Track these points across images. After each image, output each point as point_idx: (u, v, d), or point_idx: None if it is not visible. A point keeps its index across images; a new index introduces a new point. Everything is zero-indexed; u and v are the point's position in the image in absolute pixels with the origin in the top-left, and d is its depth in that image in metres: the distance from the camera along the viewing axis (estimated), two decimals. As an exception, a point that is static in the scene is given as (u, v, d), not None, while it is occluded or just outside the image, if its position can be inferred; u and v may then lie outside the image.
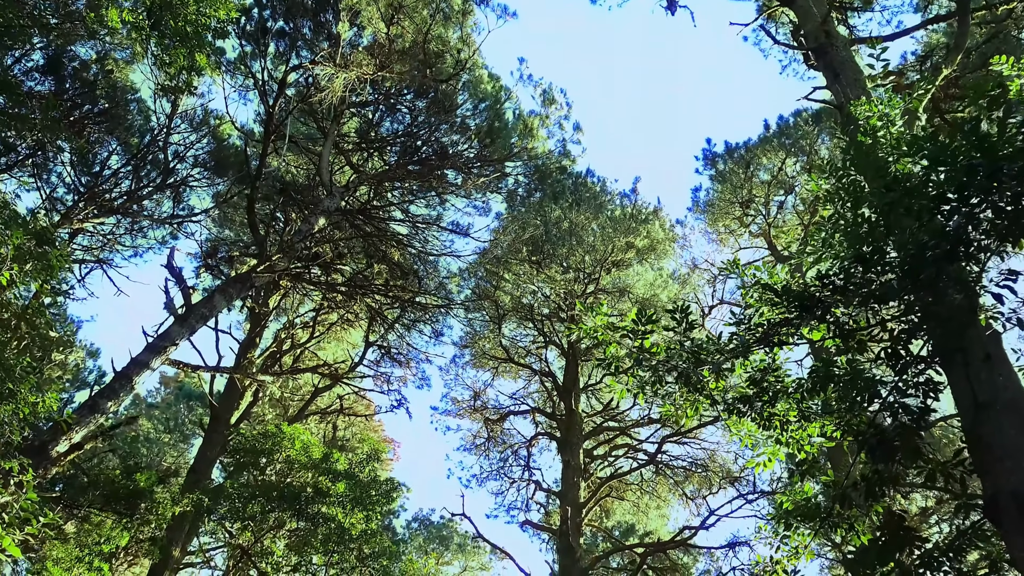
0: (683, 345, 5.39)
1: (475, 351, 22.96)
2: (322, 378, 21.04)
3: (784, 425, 5.70)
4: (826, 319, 4.97)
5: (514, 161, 18.42)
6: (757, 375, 5.55)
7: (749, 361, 5.50)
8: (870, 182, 5.59)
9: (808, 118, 18.29)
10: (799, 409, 5.65)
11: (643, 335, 5.45)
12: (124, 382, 12.46)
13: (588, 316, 5.53)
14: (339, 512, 12.09)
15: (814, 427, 5.67)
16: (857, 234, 4.93)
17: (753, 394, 5.53)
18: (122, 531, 14.67)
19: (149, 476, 14.74)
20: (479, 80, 17.59)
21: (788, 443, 5.80)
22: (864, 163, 5.70)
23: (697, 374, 5.44)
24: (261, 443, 13.82)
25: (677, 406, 5.85)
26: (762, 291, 5.16)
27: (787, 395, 5.58)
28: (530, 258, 20.23)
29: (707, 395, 5.65)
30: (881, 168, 5.46)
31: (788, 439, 5.78)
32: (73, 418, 8.94)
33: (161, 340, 13.10)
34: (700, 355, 5.30)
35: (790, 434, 5.74)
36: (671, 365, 5.44)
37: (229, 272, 20.22)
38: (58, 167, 19.23)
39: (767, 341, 5.15)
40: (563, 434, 19.90)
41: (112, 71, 18.39)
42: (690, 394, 5.63)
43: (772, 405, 5.62)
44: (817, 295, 4.81)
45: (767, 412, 5.61)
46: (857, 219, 5.11)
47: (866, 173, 5.63)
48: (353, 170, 17.94)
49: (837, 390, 5.56)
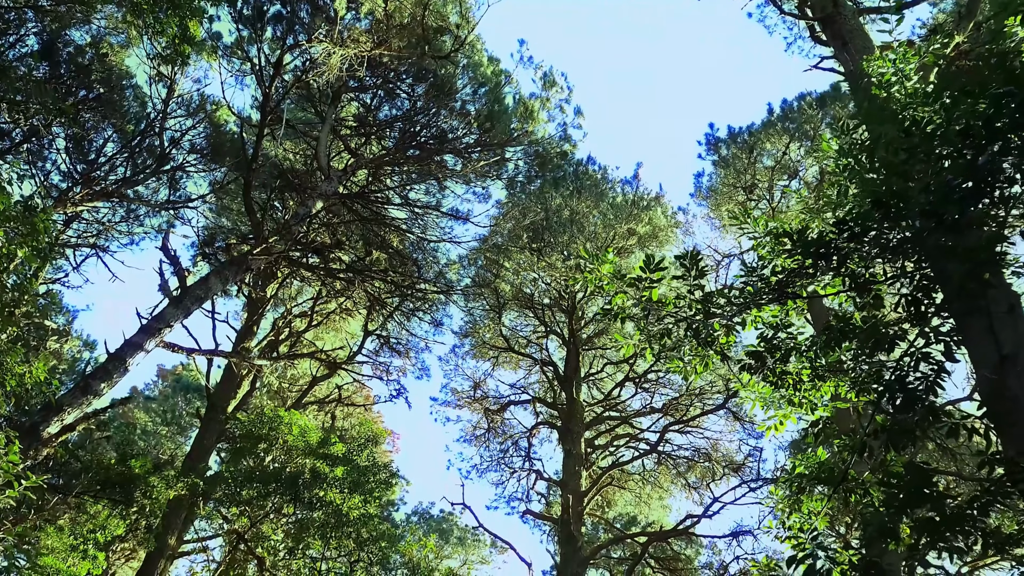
0: (693, 294, 5.16)
1: (475, 340, 22.74)
2: (320, 367, 20.82)
3: (797, 385, 5.48)
4: (841, 270, 4.74)
5: (514, 146, 18.18)
6: (769, 332, 5.32)
7: (760, 317, 5.27)
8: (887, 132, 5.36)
9: (812, 102, 18.06)
10: (812, 368, 5.43)
11: (651, 284, 5.22)
12: (118, 364, 12.24)
13: (594, 264, 5.30)
14: (337, 496, 11.86)
15: (828, 386, 5.44)
16: (875, 180, 4.71)
17: (765, 350, 5.30)
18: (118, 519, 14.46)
19: (144, 462, 14.52)
20: (478, 63, 17.36)
21: (801, 404, 5.57)
22: (879, 114, 5.48)
23: (707, 327, 5.20)
24: (258, 427, 13.59)
25: (686, 361, 5.62)
26: (774, 242, 4.94)
27: (800, 353, 5.36)
28: (530, 245, 20.01)
29: (717, 350, 5.42)
30: (898, 117, 5.24)
31: (801, 399, 5.55)
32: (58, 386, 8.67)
33: (156, 322, 12.88)
34: (710, 307, 5.07)
35: (803, 394, 5.52)
36: (680, 316, 5.20)
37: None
38: (53, 154, 19.03)
39: (780, 292, 4.92)
40: (564, 423, 19.67)
41: (107, 54, 18.16)
42: (700, 348, 5.40)
43: (784, 363, 5.39)
44: (833, 242, 4.59)
45: (779, 369, 5.38)
46: (874, 164, 4.88)
47: (882, 123, 5.40)
48: (351, 155, 17.71)
49: (852, 348, 5.33)
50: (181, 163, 19.24)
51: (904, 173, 4.84)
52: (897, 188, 4.58)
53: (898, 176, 4.77)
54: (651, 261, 5.18)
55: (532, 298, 21.61)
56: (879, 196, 4.57)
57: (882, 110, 5.64)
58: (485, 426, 22.75)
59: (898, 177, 4.77)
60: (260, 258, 14.46)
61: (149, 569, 15.10)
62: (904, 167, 4.82)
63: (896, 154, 4.94)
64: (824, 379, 5.42)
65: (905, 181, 4.78)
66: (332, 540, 11.62)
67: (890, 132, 5.26)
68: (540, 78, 17.14)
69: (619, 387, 21.31)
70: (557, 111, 17.47)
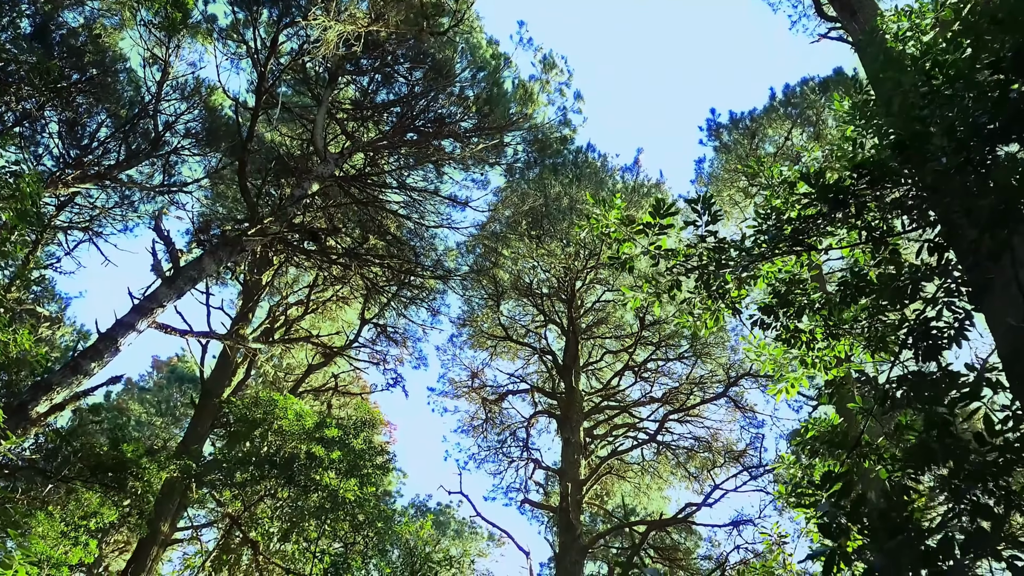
0: (705, 241, 4.93)
1: (473, 330, 22.51)
2: (316, 354, 20.58)
3: (810, 343, 5.26)
4: (858, 221, 4.52)
5: (513, 131, 17.95)
6: (781, 287, 5.10)
7: (773, 272, 5.05)
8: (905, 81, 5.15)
9: (815, 87, 17.86)
10: (826, 325, 5.21)
11: (660, 231, 4.99)
12: (108, 343, 12.00)
13: (601, 211, 5.06)
14: (332, 479, 11.63)
15: (842, 346, 5.22)
16: (894, 124, 4.49)
17: (777, 304, 5.08)
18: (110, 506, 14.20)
19: (136, 447, 14.27)
20: (477, 45, 17.13)
21: (813, 364, 5.36)
22: (897, 63, 5.26)
23: (719, 277, 4.98)
24: (253, 411, 13.34)
25: (696, 316, 5.39)
26: (788, 191, 4.72)
27: (813, 311, 5.14)
28: (529, 232, 19.78)
29: (728, 304, 5.19)
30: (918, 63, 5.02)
31: (813, 359, 5.33)
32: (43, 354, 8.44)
33: (148, 302, 12.63)
34: (723, 256, 4.84)
35: (816, 354, 5.30)
36: (691, 266, 4.97)
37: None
38: (45, 138, 18.80)
39: (795, 241, 4.70)
40: (563, 412, 19.46)
41: (100, 35, 17.91)
42: (710, 302, 5.18)
43: (798, 319, 5.17)
44: (851, 188, 4.37)
45: (792, 325, 5.16)
46: (891, 111, 4.66)
47: (900, 72, 5.18)
48: (348, 138, 17.47)
49: (867, 305, 5.12)
50: (176, 147, 19.00)
51: (924, 119, 4.63)
52: (919, 131, 4.36)
53: (919, 121, 4.55)
54: (661, 205, 4.96)
55: (531, 287, 21.40)
56: (900, 139, 4.36)
57: (899, 60, 5.43)
58: (483, 416, 22.53)
59: (919, 122, 4.55)
60: (255, 239, 14.22)
61: (142, 556, 14.85)
62: (925, 111, 4.60)
63: (917, 99, 4.72)
64: (838, 337, 5.21)
65: (926, 126, 4.56)
66: (327, 523, 11.39)
67: (908, 81, 5.05)
68: (540, 61, 16.93)
69: (618, 376, 21.10)
70: (557, 94, 17.26)
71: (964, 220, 4.25)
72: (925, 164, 4.37)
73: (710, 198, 4.93)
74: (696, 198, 4.95)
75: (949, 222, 4.27)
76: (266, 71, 14.81)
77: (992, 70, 4.07)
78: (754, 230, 4.79)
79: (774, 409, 19.03)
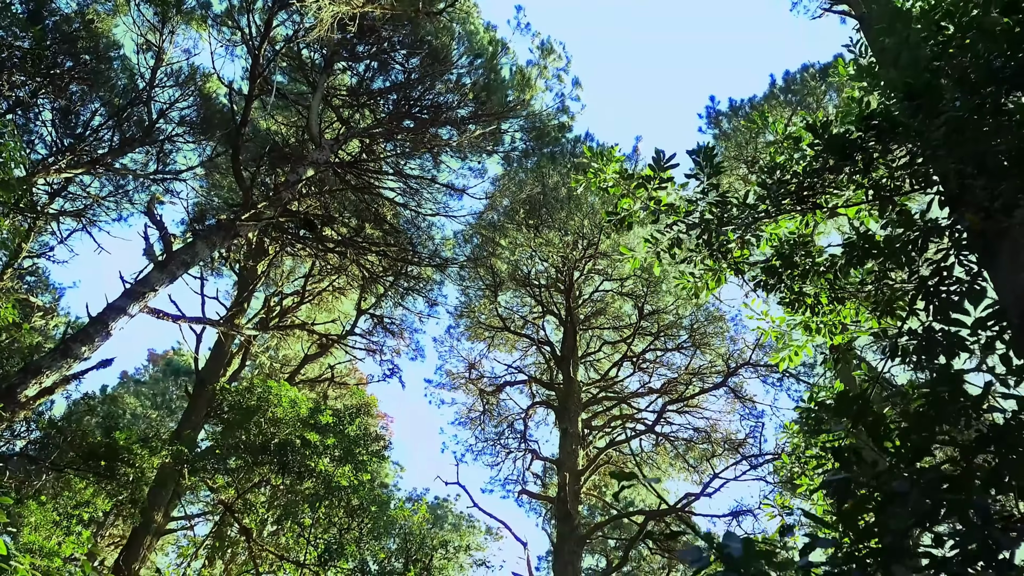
0: (706, 194, 4.76)
1: (470, 321, 22.35)
2: (312, 345, 20.40)
3: (815, 308, 5.09)
4: (866, 177, 4.35)
5: (511, 118, 17.77)
6: (786, 249, 4.93)
7: (777, 234, 4.88)
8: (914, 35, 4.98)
9: (815, 73, 17.69)
10: (831, 289, 5.04)
11: (661, 184, 4.82)
12: (99, 327, 11.80)
13: (599, 163, 4.88)
14: (327, 465, 11.45)
15: (848, 309, 5.06)
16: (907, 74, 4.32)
17: (780, 266, 4.91)
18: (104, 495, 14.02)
19: (129, 434, 14.09)
20: (474, 31, 16.95)
21: (818, 330, 5.19)
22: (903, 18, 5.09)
23: (721, 234, 4.80)
24: (247, 398, 13.16)
25: (697, 276, 5.22)
26: (793, 147, 4.55)
27: (818, 274, 4.97)
28: (527, 221, 19.61)
29: (731, 264, 5.02)
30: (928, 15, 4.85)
31: (818, 325, 5.17)
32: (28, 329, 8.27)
33: (140, 286, 12.43)
34: (724, 213, 4.67)
35: (820, 319, 5.13)
36: (692, 221, 4.80)
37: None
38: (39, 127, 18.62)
39: (800, 198, 4.53)
40: (561, 402, 19.30)
41: (93, 20, 17.71)
42: (712, 262, 5.00)
43: (802, 282, 5.00)
44: (859, 140, 4.20)
45: (797, 287, 4.99)
46: (899, 60, 4.50)
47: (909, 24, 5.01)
48: (343, 124, 17.29)
49: (874, 268, 4.95)
50: (170, 135, 18.82)
51: (936, 70, 4.46)
52: (930, 80, 4.20)
53: (929, 72, 4.39)
54: (661, 157, 4.78)
55: (528, 277, 21.24)
56: (910, 89, 4.19)
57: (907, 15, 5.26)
58: (481, 408, 22.38)
59: (929, 72, 4.39)
60: (249, 224, 14.04)
61: (135, 545, 14.68)
62: (936, 61, 4.44)
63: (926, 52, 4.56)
64: (843, 302, 5.04)
65: (938, 77, 4.40)
66: (321, 509, 11.22)
67: (916, 36, 4.89)
68: (537, 47, 16.74)
69: (616, 367, 20.95)
70: (555, 80, 17.07)
71: (976, 171, 4.09)
72: (936, 115, 4.21)
73: (712, 149, 4.75)
74: (697, 149, 4.77)
75: (961, 174, 4.11)
76: (260, 54, 14.62)
77: (1006, 14, 3.91)
78: (758, 183, 4.62)
79: (774, 399, 18.88)
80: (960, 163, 4.14)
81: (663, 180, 4.84)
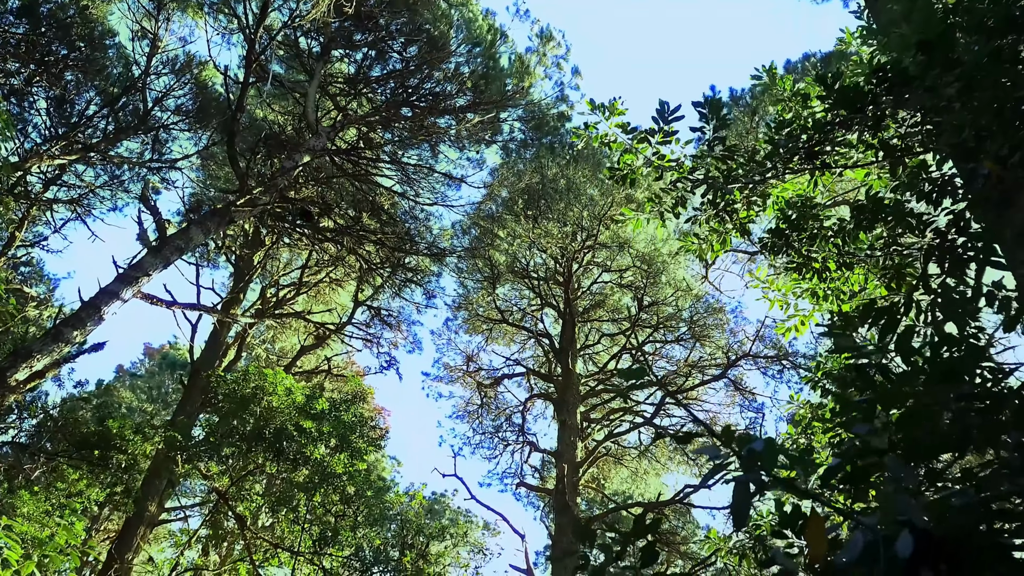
0: (712, 148, 4.60)
1: (468, 314, 22.19)
2: (308, 336, 20.24)
3: (822, 273, 4.94)
4: (877, 129, 4.20)
5: (510, 107, 17.61)
6: (792, 212, 4.78)
7: (783, 196, 4.73)
8: None
9: (816, 63, 17.54)
10: (840, 254, 4.89)
11: (666, 138, 4.66)
12: (91, 311, 11.61)
13: (601, 115, 4.72)
14: (323, 451, 11.30)
15: (857, 275, 4.90)
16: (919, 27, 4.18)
17: (788, 228, 4.75)
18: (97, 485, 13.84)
19: (122, 422, 13.92)
20: (472, 19, 16.80)
21: (825, 296, 5.03)
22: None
23: (727, 192, 4.65)
24: (242, 386, 12.99)
25: (702, 238, 5.06)
26: (801, 104, 4.40)
27: (826, 239, 4.82)
28: (525, 211, 19.45)
29: (736, 224, 4.86)
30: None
31: (825, 292, 5.01)
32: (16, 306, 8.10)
33: (133, 270, 12.24)
34: (731, 170, 4.51)
35: (828, 285, 4.98)
36: (697, 177, 4.64)
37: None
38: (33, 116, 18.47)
39: (809, 154, 4.38)
40: (560, 394, 19.14)
41: (88, 7, 17.52)
42: (717, 223, 4.85)
43: (810, 245, 4.85)
44: (870, 92, 4.05)
45: (805, 249, 4.83)
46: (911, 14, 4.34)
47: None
48: (340, 112, 17.12)
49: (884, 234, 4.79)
50: (165, 123, 18.65)
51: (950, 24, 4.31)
52: (944, 31, 4.05)
53: (944, 24, 4.23)
54: (665, 109, 4.63)
55: (527, 269, 21.08)
56: (924, 39, 4.04)
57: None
58: (478, 401, 22.21)
59: (943, 24, 4.23)
60: (244, 210, 13.86)
61: (128, 536, 14.50)
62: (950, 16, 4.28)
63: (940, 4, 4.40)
64: (852, 267, 4.89)
65: (952, 29, 4.24)
66: (317, 497, 11.05)
67: None
68: (536, 35, 16.59)
69: (615, 359, 20.78)
70: (554, 68, 16.91)
71: (994, 123, 3.93)
72: (950, 68, 4.05)
73: (719, 100, 4.60)
74: (703, 100, 4.61)
75: (977, 125, 3.96)
76: (256, 39, 14.46)
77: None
78: (766, 140, 4.46)
79: (774, 391, 18.71)
80: (976, 115, 3.99)
81: (667, 134, 4.68)
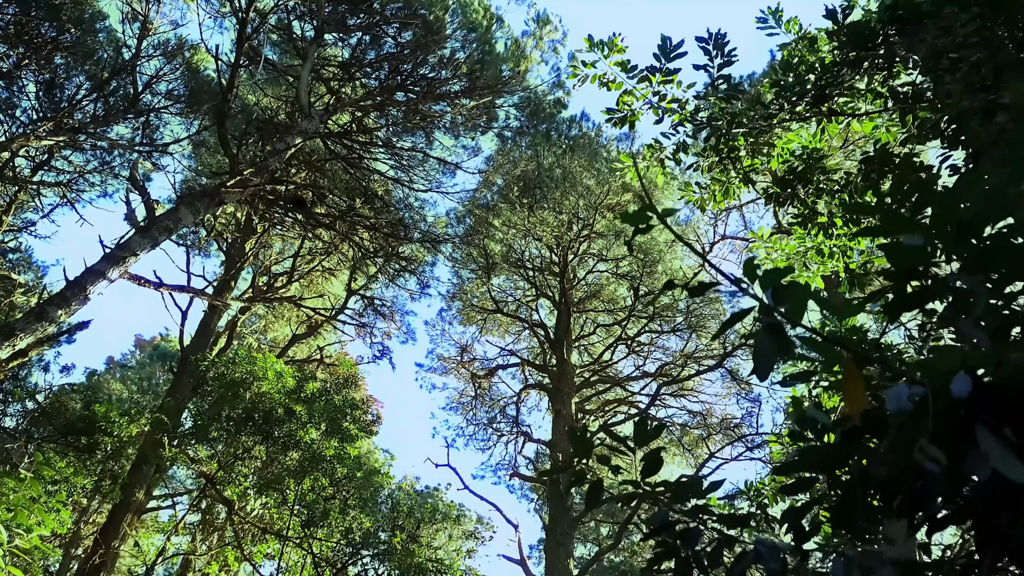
0: (717, 88, 4.40)
1: (463, 304, 21.97)
2: (300, 325, 20.01)
3: (828, 229, 4.74)
4: (888, 72, 4.01)
5: (506, 93, 17.39)
6: (798, 163, 4.58)
7: (788, 148, 4.54)
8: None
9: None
10: (847, 209, 4.69)
11: (667, 77, 4.46)
12: (77, 291, 11.35)
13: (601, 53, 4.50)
14: (313, 434, 11.07)
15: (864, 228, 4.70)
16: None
17: (794, 179, 4.56)
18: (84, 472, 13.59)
19: (109, 407, 13.67)
20: (468, 2, 16.58)
21: (831, 254, 4.84)
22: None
23: (731, 138, 4.46)
24: (232, 370, 12.75)
25: (703, 187, 4.86)
26: (807, 48, 4.21)
27: (832, 193, 4.63)
28: (521, 200, 19.25)
29: (740, 172, 4.67)
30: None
31: (831, 249, 4.82)
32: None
33: (120, 250, 11.98)
34: (735, 114, 4.31)
35: (834, 242, 4.79)
36: (700, 121, 4.45)
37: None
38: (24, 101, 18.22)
39: (817, 98, 4.19)
40: (554, 384, 18.95)
41: (78, -13, 17.26)
42: (720, 172, 4.65)
43: (816, 197, 4.65)
44: (881, 31, 3.87)
45: (811, 200, 4.64)
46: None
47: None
48: (333, 95, 16.89)
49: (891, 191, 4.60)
50: (155, 106, 18.39)
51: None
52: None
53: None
54: (667, 45, 4.42)
55: (522, 259, 20.88)
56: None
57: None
58: (472, 392, 22.01)
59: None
60: (234, 191, 13.62)
61: (114, 523, 14.25)
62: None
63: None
64: (859, 224, 4.70)
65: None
66: (307, 482, 10.83)
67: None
68: (533, 18, 16.40)
69: (610, 350, 20.60)
70: (551, 53, 16.72)
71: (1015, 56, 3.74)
72: (966, 5, 3.86)
73: (723, 36, 4.39)
74: (707, 36, 4.40)
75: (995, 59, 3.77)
76: (247, 18, 14.23)
77: None
78: (771, 83, 4.27)
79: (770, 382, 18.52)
80: (994, 51, 3.80)
81: (669, 73, 4.48)
